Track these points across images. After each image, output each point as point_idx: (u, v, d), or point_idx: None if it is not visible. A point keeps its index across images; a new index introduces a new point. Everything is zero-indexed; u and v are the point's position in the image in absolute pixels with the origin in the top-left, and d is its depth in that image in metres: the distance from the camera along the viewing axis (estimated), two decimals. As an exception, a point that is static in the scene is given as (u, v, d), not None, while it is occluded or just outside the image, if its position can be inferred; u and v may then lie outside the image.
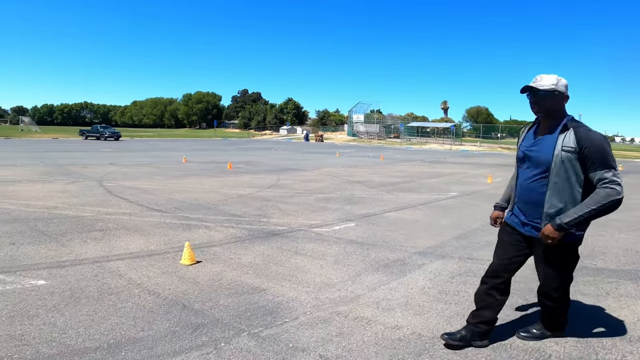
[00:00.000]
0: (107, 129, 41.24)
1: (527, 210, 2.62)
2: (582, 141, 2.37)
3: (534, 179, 2.56)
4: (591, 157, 2.36)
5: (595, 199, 2.35)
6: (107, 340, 2.74)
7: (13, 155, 18.30)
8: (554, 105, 2.48)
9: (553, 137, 2.48)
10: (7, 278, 3.76)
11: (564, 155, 2.41)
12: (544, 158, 2.49)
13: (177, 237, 5.44)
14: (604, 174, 2.34)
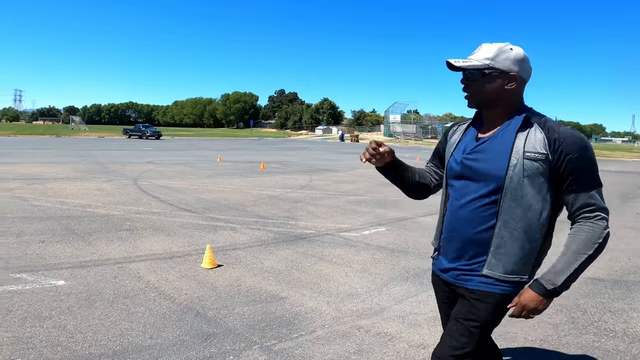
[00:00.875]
0: (149, 128, 42.68)
1: (459, 251, 1.63)
2: (560, 145, 1.48)
3: (475, 204, 1.58)
4: (574, 171, 1.48)
5: (588, 240, 1.47)
6: (113, 347, 2.63)
7: (60, 153, 19.16)
8: (493, 91, 1.56)
9: (507, 137, 1.55)
10: (28, 277, 3.77)
11: (526, 165, 1.50)
12: (493, 170, 1.54)
13: (202, 238, 5.36)
14: (591, 199, 1.49)
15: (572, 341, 2.92)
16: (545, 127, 1.52)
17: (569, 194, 1.51)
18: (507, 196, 1.52)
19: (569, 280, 1.48)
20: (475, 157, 1.60)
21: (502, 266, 1.55)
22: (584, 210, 1.50)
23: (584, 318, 3.31)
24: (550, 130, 1.51)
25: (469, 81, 1.58)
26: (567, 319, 3.28)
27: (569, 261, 1.48)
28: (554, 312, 3.38)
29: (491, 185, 1.55)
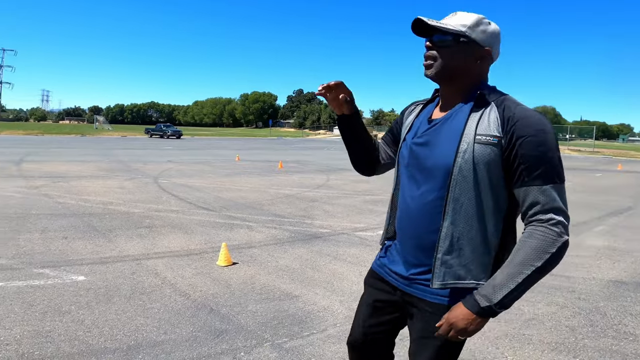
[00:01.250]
0: (170, 127, 43.38)
1: (409, 254, 1.40)
2: (513, 125, 1.22)
3: (424, 199, 1.35)
4: (526, 158, 1.21)
5: (538, 248, 1.18)
6: (128, 342, 2.69)
7: (84, 152, 19.68)
8: (462, 63, 1.33)
9: (460, 119, 1.32)
10: (51, 272, 3.89)
11: (477, 151, 1.25)
12: (439, 158, 1.31)
13: (218, 236, 5.42)
14: (545, 195, 1.20)
15: (589, 344, 2.85)
16: (501, 105, 1.28)
17: (519, 187, 1.23)
18: (455, 189, 1.27)
19: (509, 298, 1.18)
20: (423, 142, 1.37)
21: (452, 273, 1.31)
22: (536, 210, 1.21)
23: (604, 321, 3.22)
24: (506, 109, 1.26)
25: (437, 47, 1.33)
26: (586, 322, 3.20)
27: (511, 274, 1.19)
28: (572, 315, 3.31)
29: (439, 176, 1.31)
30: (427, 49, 1.36)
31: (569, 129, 53.95)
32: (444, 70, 1.34)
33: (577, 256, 4.97)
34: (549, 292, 3.81)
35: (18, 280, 3.65)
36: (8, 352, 2.48)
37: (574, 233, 6.16)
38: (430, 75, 1.36)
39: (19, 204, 7.00)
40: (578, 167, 20.30)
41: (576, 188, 11.58)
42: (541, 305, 3.51)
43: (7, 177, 10.14)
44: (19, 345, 2.57)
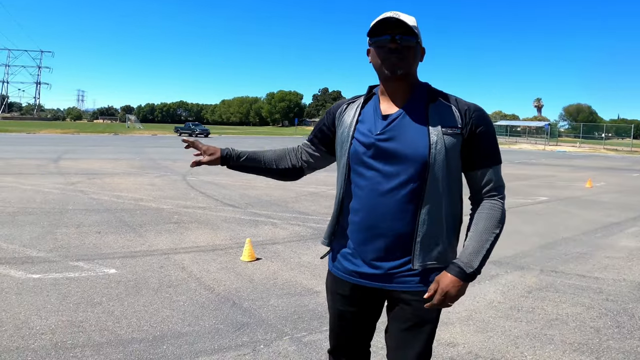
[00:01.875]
0: (198, 126, 44.42)
1: (384, 250, 1.43)
2: (471, 117, 1.40)
3: (397, 193, 1.39)
4: (483, 145, 1.41)
5: (495, 218, 1.40)
6: (154, 332, 2.81)
7: (117, 150, 20.41)
8: (416, 62, 1.46)
9: (419, 113, 1.41)
10: (85, 265, 4.09)
11: (447, 142, 1.37)
12: (415, 150, 1.37)
13: (243, 232, 5.55)
14: (496, 175, 1.43)
15: (613, 345, 2.78)
16: (451, 100, 1.44)
17: (476, 170, 1.42)
18: (430, 179, 1.37)
19: (484, 262, 1.37)
20: (390, 137, 1.41)
21: (434, 257, 1.42)
22: (490, 187, 1.42)
23: (631, 323, 3.14)
24: (459, 102, 1.44)
25: (404, 47, 1.39)
26: (612, 323, 3.12)
27: (481, 241, 1.38)
28: (598, 316, 3.23)
29: (413, 169, 1.38)
30: (395, 50, 1.38)
31: (604, 128, 51.82)
32: (408, 70, 1.42)
33: (608, 257, 4.83)
34: (575, 292, 3.73)
35: (55, 272, 3.86)
36: (43, 341, 2.63)
37: (606, 234, 5.98)
38: (401, 74, 1.40)
39: (57, 199, 7.36)
40: (614, 167, 19.53)
41: (611, 189, 11.17)
42: (566, 305, 3.44)
43: (46, 174, 10.66)
44: (54, 334, 2.73)
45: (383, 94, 1.48)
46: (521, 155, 26.21)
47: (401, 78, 1.42)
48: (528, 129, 55.18)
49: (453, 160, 1.40)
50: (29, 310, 3.05)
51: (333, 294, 1.60)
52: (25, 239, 4.89)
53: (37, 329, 2.79)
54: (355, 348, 1.65)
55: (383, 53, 1.40)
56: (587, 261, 4.67)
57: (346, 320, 1.58)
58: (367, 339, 1.67)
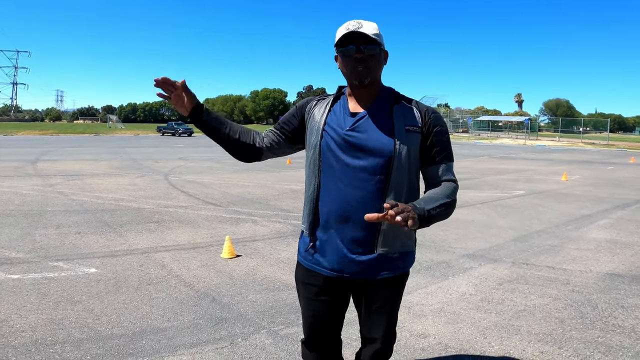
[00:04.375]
0: (181, 125, 43.83)
1: (354, 241, 1.55)
2: (430, 117, 1.58)
3: (367, 185, 1.52)
4: (440, 143, 1.59)
5: (447, 191, 1.55)
6: (134, 329, 2.86)
7: (98, 151, 20.11)
8: (381, 67, 1.59)
9: (384, 112, 1.57)
10: (64, 265, 4.10)
11: (408, 138, 1.54)
12: (382, 145, 1.52)
13: (224, 230, 5.60)
14: (450, 171, 1.61)
15: (576, 336, 2.91)
16: (411, 102, 1.62)
17: (434, 165, 1.59)
18: (394, 171, 1.52)
19: (432, 212, 1.43)
20: (358, 132, 1.54)
21: (397, 245, 1.58)
22: (446, 178, 1.59)
23: (594, 313, 3.28)
24: (419, 104, 1.61)
25: (369, 56, 1.51)
26: (576, 314, 3.26)
27: (432, 199, 1.49)
28: (563, 307, 3.38)
29: (379, 162, 1.52)
30: (361, 60, 1.50)
31: (582, 122, 53.02)
32: (375, 77, 1.57)
33: (577, 249, 5.03)
34: (544, 284, 3.89)
35: (34, 272, 3.86)
36: (24, 339, 2.67)
37: (577, 227, 6.20)
38: (367, 82, 1.54)
39: (35, 201, 7.28)
40: (590, 160, 20.07)
41: (585, 182, 11.52)
42: (534, 297, 3.59)
43: (24, 176, 10.49)
44: (34, 332, 2.76)
45: (350, 95, 1.62)
46: (502, 150, 26.71)
47: (368, 85, 1.56)
48: (509, 123, 56.18)
49: (414, 155, 1.56)
50: (9, 310, 3.07)
51: (304, 285, 1.70)
52: (4, 240, 4.86)
53: (17, 327, 2.82)
54: (327, 337, 1.77)
55: (350, 62, 1.52)
56: (557, 253, 4.86)
57: (317, 310, 1.69)
58: (337, 327, 1.79)
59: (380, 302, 1.66)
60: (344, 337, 2.69)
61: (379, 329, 1.69)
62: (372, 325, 1.71)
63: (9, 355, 2.47)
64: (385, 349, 1.75)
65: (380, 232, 1.54)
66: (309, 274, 1.66)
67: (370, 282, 1.63)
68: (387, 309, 1.68)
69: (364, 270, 1.57)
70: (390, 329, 1.73)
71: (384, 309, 1.67)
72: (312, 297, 1.68)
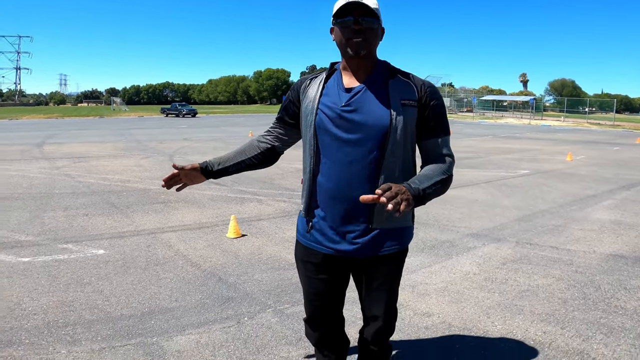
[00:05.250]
0: (185, 106, 43.70)
1: (349, 218, 1.56)
2: (426, 91, 1.54)
3: (361, 162, 1.51)
4: (437, 117, 1.56)
5: (443, 167, 1.54)
6: (142, 309, 2.93)
7: (103, 133, 20.13)
8: (378, 41, 1.56)
9: (380, 87, 1.53)
10: (73, 247, 4.16)
11: (405, 113, 1.51)
12: (377, 121, 1.49)
13: (229, 210, 5.64)
14: (446, 142, 1.59)
15: (578, 316, 2.92)
16: (408, 76, 1.58)
17: (430, 139, 1.57)
18: (390, 146, 1.50)
19: (429, 190, 1.44)
20: (354, 108, 1.52)
21: (392, 221, 1.58)
22: (441, 154, 1.58)
23: (596, 294, 3.29)
24: (415, 78, 1.57)
25: (367, 28, 1.48)
26: (579, 295, 3.27)
27: (428, 177, 1.48)
28: (566, 287, 3.39)
29: (375, 138, 1.50)
30: (359, 31, 1.47)
31: (588, 102, 52.18)
32: (371, 50, 1.53)
33: (581, 230, 5.03)
34: (547, 264, 3.90)
35: (44, 255, 3.92)
36: (36, 321, 2.73)
37: (581, 207, 6.19)
38: (363, 54, 1.50)
39: (43, 184, 7.34)
40: (595, 140, 19.86)
41: (590, 162, 11.43)
42: (537, 277, 3.61)
43: (30, 159, 10.56)
44: (46, 314, 2.82)
45: (345, 69, 1.58)
46: (506, 129, 26.47)
47: (363, 57, 1.52)
48: (514, 103, 55.45)
49: (410, 129, 1.54)
50: (21, 293, 3.13)
51: (304, 263, 1.73)
52: (13, 223, 4.93)
53: (29, 309, 2.88)
54: (328, 314, 1.82)
55: (347, 34, 1.48)
56: (561, 233, 4.86)
57: (318, 287, 1.73)
58: (339, 305, 1.83)
59: (380, 279, 1.68)
60: (349, 315, 2.76)
61: (380, 306, 1.72)
62: (372, 303, 1.73)
63: (22, 338, 2.53)
64: (387, 326, 1.78)
65: (375, 210, 1.54)
66: (308, 252, 1.69)
67: (368, 260, 1.64)
68: (386, 286, 1.70)
69: (361, 248, 1.58)
70: (390, 306, 1.75)
71: (384, 286, 1.69)
72: (312, 275, 1.71)
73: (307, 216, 1.66)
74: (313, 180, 1.61)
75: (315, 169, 1.60)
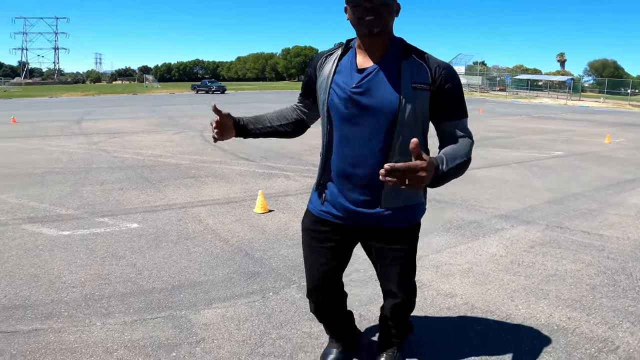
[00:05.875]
0: (214, 83, 44.25)
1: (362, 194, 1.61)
2: (441, 74, 1.50)
3: (368, 141, 1.55)
4: (453, 99, 1.52)
5: (465, 149, 1.51)
6: (173, 282, 3.06)
7: (136, 109, 20.68)
8: (392, 18, 1.52)
9: (393, 68, 1.50)
10: (109, 221, 4.36)
11: (415, 96, 1.49)
12: (386, 103, 1.49)
13: (257, 185, 5.75)
14: (464, 124, 1.56)
15: (606, 303, 2.85)
16: (423, 57, 1.54)
17: (446, 121, 1.55)
18: (397, 130, 1.50)
19: (450, 171, 1.40)
20: (364, 90, 1.52)
21: (401, 201, 1.62)
22: (461, 134, 1.55)
23: (627, 282, 3.18)
24: (430, 59, 1.53)
25: (380, 5, 1.45)
26: (609, 281, 3.17)
27: (453, 157, 1.44)
28: (596, 274, 3.30)
29: (383, 120, 1.51)
30: (371, 9, 1.44)
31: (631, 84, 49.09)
32: (385, 27, 1.49)
33: (616, 215, 4.85)
34: (577, 249, 3.80)
35: (83, 228, 4.13)
36: (74, 294, 2.88)
37: (617, 191, 5.94)
38: (376, 32, 1.47)
39: (81, 159, 7.68)
40: (636, 122, 18.72)
41: (630, 145, 10.88)
42: (566, 262, 3.52)
43: (70, 135, 11.00)
44: (83, 287, 2.97)
45: (360, 47, 1.56)
46: (541, 110, 25.44)
47: (377, 35, 1.49)
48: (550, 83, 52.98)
49: (420, 113, 1.52)
50: (61, 266, 3.30)
51: (311, 232, 1.79)
52: (55, 197, 5.19)
53: (68, 282, 3.04)
54: (329, 285, 1.84)
55: (359, 12, 1.45)
56: (594, 218, 4.71)
57: (320, 258, 1.77)
58: (338, 276, 1.86)
59: (393, 253, 1.71)
60: (373, 293, 2.80)
61: (395, 281, 1.77)
62: (388, 278, 1.78)
63: (61, 310, 2.68)
64: (405, 302, 1.84)
65: (384, 189, 1.57)
66: (318, 220, 1.74)
67: (379, 233, 1.68)
68: (400, 260, 1.73)
69: (371, 221, 1.64)
70: (406, 281, 1.79)
71: (398, 260, 1.73)
72: (316, 245, 1.77)
73: (318, 189, 1.73)
74: (326, 156, 1.66)
75: (328, 146, 1.64)
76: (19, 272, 3.18)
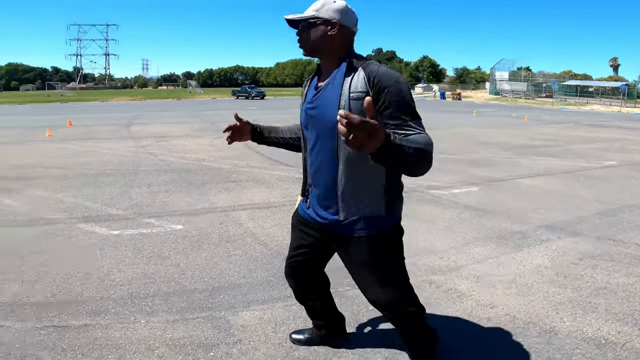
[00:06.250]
0: (254, 89, 45.10)
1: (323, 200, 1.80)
2: (378, 80, 1.56)
3: (322, 152, 1.72)
4: (393, 103, 1.53)
5: (423, 139, 1.45)
6: (213, 284, 3.15)
7: (180, 114, 21.47)
8: (321, 40, 1.68)
9: (337, 83, 1.65)
10: (155, 222, 4.56)
11: (352, 106, 1.58)
12: (327, 116, 1.65)
13: (296, 190, 5.82)
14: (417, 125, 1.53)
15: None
16: (366, 68, 1.63)
17: (394, 123, 1.52)
18: (342, 140, 1.62)
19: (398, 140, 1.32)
20: (314, 106, 1.74)
21: (356, 212, 1.74)
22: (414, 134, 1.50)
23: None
24: (371, 68, 1.62)
25: (301, 32, 1.73)
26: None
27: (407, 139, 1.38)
28: (651, 286, 3.12)
29: (329, 132, 1.67)
30: (298, 35, 1.75)
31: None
32: (310, 48, 1.73)
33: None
34: (631, 262, 3.61)
35: (131, 228, 4.34)
36: (122, 292, 3.02)
37: (676, 201, 5.57)
38: (305, 53, 1.76)
39: (130, 161, 8.07)
40: None
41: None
42: (618, 275, 3.35)
43: (120, 139, 11.59)
44: (130, 285, 3.12)
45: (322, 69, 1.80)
46: (592, 117, 24.17)
47: (318, 54, 1.74)
48: (602, 89, 50.15)
49: None
50: (111, 264, 3.48)
51: (295, 229, 2.04)
52: (106, 198, 5.49)
53: (117, 280, 3.19)
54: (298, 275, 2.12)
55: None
56: (651, 230, 4.44)
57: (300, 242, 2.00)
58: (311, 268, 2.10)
59: (355, 263, 1.85)
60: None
61: (363, 288, 1.90)
62: (358, 285, 1.92)
63: (109, 307, 2.82)
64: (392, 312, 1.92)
65: (339, 197, 1.73)
66: (300, 219, 1.99)
67: (340, 240, 1.83)
68: (367, 269, 1.82)
69: (332, 227, 1.81)
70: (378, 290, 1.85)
71: (363, 268, 1.83)
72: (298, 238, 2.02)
73: (303, 196, 1.95)
74: (305, 167, 1.88)
75: (304, 159, 1.89)
76: (74, 269, 3.38)
